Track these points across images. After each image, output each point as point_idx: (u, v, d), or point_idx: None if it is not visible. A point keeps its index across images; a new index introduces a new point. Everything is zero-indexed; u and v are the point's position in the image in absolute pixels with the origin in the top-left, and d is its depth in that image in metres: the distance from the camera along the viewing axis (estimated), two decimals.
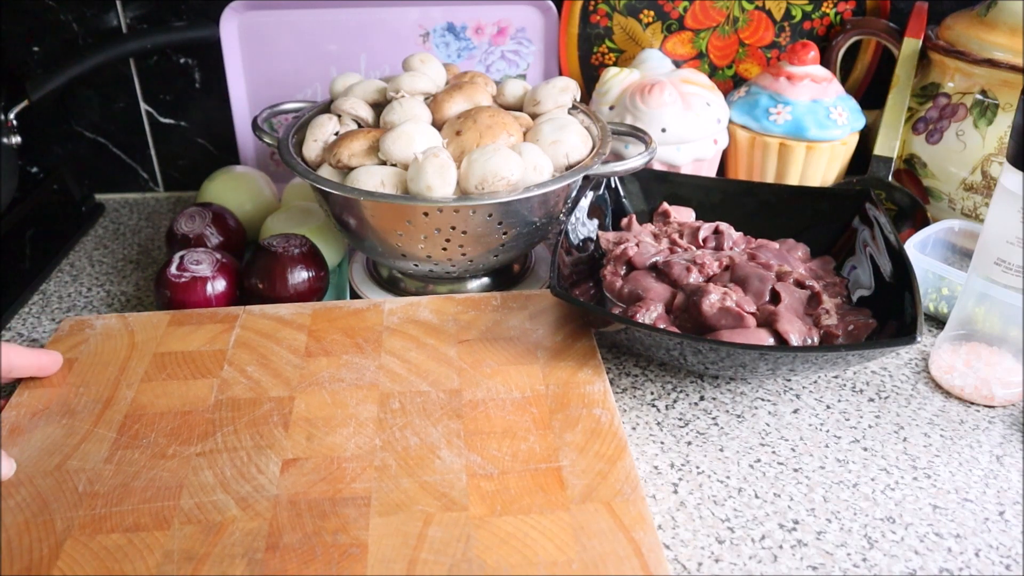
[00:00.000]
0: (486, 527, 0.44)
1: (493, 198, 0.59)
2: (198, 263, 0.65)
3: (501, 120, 0.64)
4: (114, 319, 0.63)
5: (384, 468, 0.49)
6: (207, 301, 0.65)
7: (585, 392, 0.55)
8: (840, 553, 0.47)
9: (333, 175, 0.64)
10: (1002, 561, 0.47)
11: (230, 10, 0.82)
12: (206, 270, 0.65)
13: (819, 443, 0.55)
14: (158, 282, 0.65)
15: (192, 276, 0.64)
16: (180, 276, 0.64)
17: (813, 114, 0.77)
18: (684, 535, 0.48)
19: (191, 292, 0.64)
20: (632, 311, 0.59)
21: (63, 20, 0.83)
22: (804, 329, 0.57)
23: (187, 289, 0.64)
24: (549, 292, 0.65)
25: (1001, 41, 0.73)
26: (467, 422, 0.52)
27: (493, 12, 0.85)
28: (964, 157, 0.74)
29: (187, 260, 0.65)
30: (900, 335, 0.54)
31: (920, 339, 0.51)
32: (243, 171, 0.81)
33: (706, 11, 0.87)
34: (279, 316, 0.63)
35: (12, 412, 0.53)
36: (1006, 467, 0.53)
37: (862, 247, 0.65)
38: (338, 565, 0.43)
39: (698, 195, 0.73)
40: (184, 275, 0.64)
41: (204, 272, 0.65)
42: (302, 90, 0.86)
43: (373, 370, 0.57)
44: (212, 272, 0.65)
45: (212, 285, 0.65)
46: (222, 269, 0.66)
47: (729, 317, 0.57)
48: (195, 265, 0.65)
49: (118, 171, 0.91)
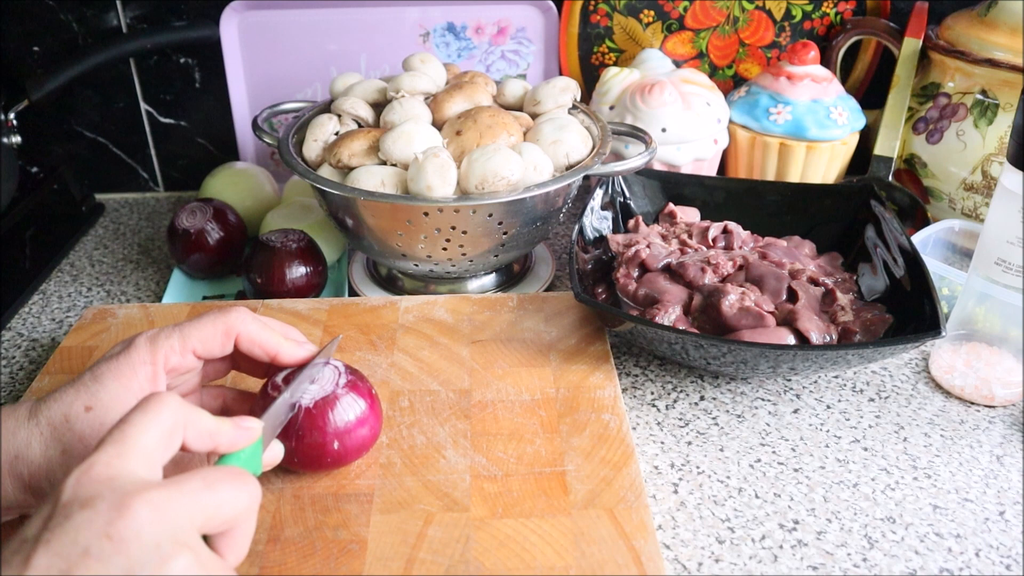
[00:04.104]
0: (486, 529, 0.44)
1: (493, 198, 0.59)
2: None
3: (501, 120, 0.64)
4: (136, 309, 0.63)
5: (389, 465, 0.49)
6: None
7: (595, 397, 0.55)
8: (840, 553, 0.47)
9: (333, 175, 0.64)
10: (1002, 561, 0.47)
11: (230, 10, 0.82)
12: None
13: (819, 443, 0.55)
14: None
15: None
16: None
17: (813, 114, 0.77)
18: (684, 535, 0.48)
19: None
20: (651, 314, 0.59)
21: (63, 20, 0.83)
22: (823, 326, 0.57)
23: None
24: (565, 294, 0.65)
25: (1001, 41, 0.73)
26: (475, 423, 0.52)
27: (493, 12, 0.85)
28: (964, 157, 0.74)
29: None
30: (920, 330, 0.54)
31: (945, 332, 0.52)
32: (244, 167, 0.81)
33: (706, 11, 0.87)
34: (296, 310, 0.63)
35: (32, 398, 0.53)
36: (1006, 467, 0.53)
37: (871, 243, 0.66)
38: (336, 561, 0.43)
39: (702, 194, 0.73)
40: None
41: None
42: (302, 90, 0.86)
43: (385, 367, 0.57)
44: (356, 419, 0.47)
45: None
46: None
47: (749, 317, 0.57)
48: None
49: (118, 171, 0.91)
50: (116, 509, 0.30)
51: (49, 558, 0.29)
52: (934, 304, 0.55)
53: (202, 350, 0.44)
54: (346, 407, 0.45)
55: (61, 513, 0.31)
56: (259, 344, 0.46)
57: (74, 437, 0.40)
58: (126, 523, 0.30)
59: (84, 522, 0.30)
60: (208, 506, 0.33)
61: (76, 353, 0.59)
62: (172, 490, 0.32)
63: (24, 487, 0.40)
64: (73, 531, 0.30)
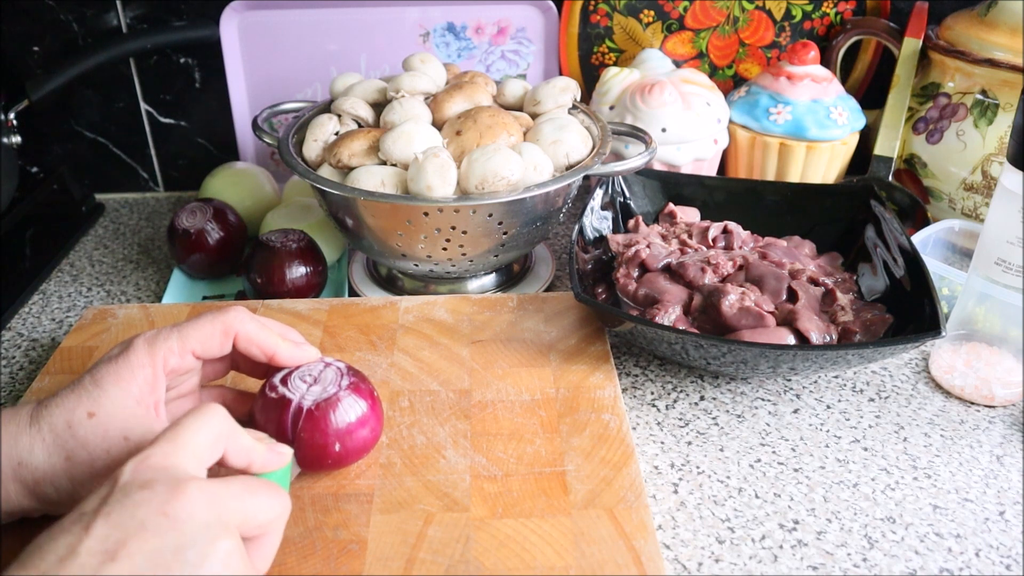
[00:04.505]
0: (486, 529, 0.44)
1: (493, 198, 0.59)
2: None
3: (501, 120, 0.64)
4: (136, 309, 0.63)
5: (389, 465, 0.49)
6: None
7: (595, 397, 0.55)
8: (840, 553, 0.47)
9: (333, 175, 0.64)
10: (1002, 561, 0.47)
11: (230, 10, 0.82)
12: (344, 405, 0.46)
13: (819, 443, 0.55)
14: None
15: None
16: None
17: (813, 114, 0.77)
18: (684, 535, 0.48)
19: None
20: (651, 314, 0.59)
21: (63, 20, 0.83)
22: (823, 326, 0.57)
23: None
24: (565, 295, 0.65)
25: (1001, 41, 0.73)
26: (475, 423, 0.52)
27: (493, 12, 0.85)
28: (964, 157, 0.74)
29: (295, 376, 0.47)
30: (920, 330, 0.54)
31: (945, 332, 0.52)
32: (244, 167, 0.81)
33: (706, 11, 0.87)
34: (296, 311, 0.63)
35: (32, 399, 0.53)
36: (1006, 467, 0.53)
37: (871, 243, 0.66)
38: (336, 561, 0.43)
39: (702, 194, 0.73)
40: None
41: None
42: (302, 90, 0.86)
43: (385, 367, 0.57)
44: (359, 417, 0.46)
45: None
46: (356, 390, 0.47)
47: (749, 317, 0.57)
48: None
49: (118, 171, 0.91)
50: (172, 491, 0.33)
51: (108, 528, 0.32)
52: (934, 304, 0.55)
53: (201, 350, 0.44)
54: (347, 408, 0.45)
55: (120, 491, 0.33)
56: (257, 344, 0.46)
57: (77, 444, 0.40)
58: (181, 504, 0.33)
59: (142, 500, 0.33)
60: (248, 506, 0.36)
61: (76, 353, 0.59)
62: (220, 484, 0.35)
63: (28, 492, 0.40)
64: (132, 507, 0.33)
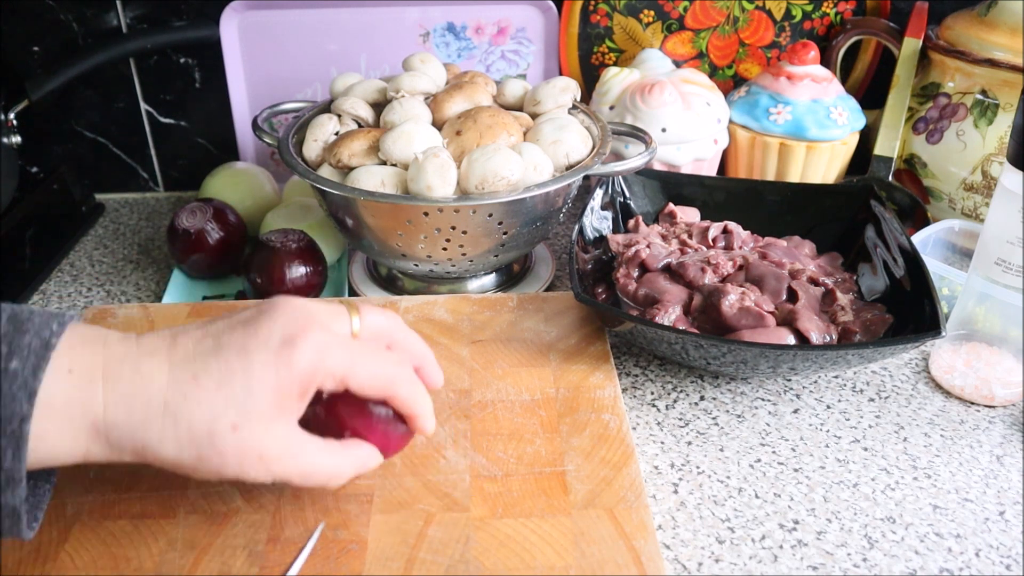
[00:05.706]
0: (486, 529, 0.44)
1: (493, 198, 0.59)
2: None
3: (501, 120, 0.64)
4: (136, 309, 0.63)
5: (389, 466, 0.49)
6: None
7: (595, 396, 0.55)
8: (840, 553, 0.47)
9: (333, 175, 0.64)
10: (1002, 561, 0.47)
11: (230, 10, 0.82)
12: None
13: (819, 443, 0.55)
14: None
15: None
16: None
17: (813, 114, 0.77)
18: (684, 535, 0.48)
19: None
20: (651, 314, 0.59)
21: (63, 20, 0.83)
22: (823, 326, 0.57)
23: None
24: (565, 294, 0.65)
25: (1001, 41, 0.73)
26: (475, 423, 0.52)
27: (493, 12, 0.85)
28: (964, 157, 0.74)
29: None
30: (920, 330, 0.54)
31: (945, 332, 0.52)
32: (244, 167, 0.81)
33: (706, 11, 0.87)
34: None
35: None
36: (1006, 467, 0.53)
37: (871, 243, 0.66)
38: (336, 561, 0.43)
39: (702, 194, 0.73)
40: None
41: None
42: (302, 90, 0.86)
43: None
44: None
45: None
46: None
47: (749, 317, 0.57)
48: None
49: (118, 171, 0.91)
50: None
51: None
52: (934, 304, 0.55)
53: (355, 388, 0.41)
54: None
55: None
56: (407, 411, 0.43)
57: (214, 452, 0.38)
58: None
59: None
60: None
61: None
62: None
63: (137, 458, 0.38)
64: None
